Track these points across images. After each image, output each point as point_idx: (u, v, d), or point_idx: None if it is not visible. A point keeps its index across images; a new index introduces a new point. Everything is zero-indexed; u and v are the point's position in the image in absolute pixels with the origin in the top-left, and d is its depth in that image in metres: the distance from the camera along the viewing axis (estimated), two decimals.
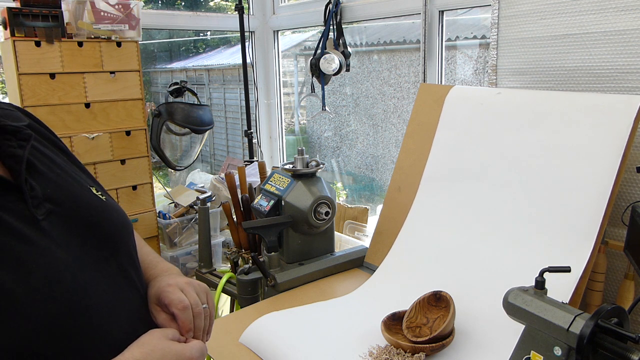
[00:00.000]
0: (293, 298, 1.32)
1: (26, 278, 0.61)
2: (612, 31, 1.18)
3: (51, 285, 0.63)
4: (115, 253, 0.75)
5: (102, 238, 0.73)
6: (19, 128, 0.71)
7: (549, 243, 1.11)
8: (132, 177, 1.85)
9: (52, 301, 0.62)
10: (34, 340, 0.60)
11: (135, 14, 1.78)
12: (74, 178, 0.78)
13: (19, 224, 0.64)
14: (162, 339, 0.71)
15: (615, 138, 1.07)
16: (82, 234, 0.70)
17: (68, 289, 0.64)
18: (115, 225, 0.77)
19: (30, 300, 0.60)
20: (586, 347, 0.75)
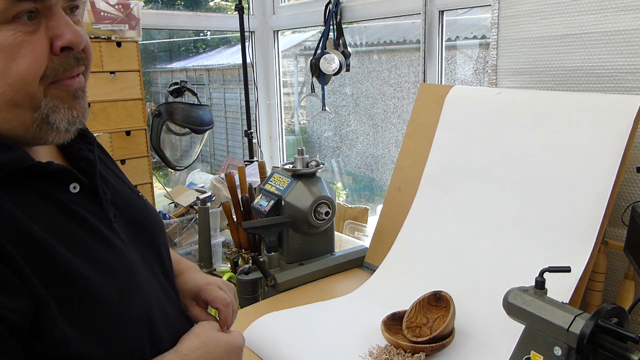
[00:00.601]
0: (293, 298, 1.32)
1: (114, 281, 0.62)
2: (612, 31, 1.18)
3: (132, 286, 0.65)
4: (159, 253, 0.77)
5: (149, 239, 0.75)
6: (84, 131, 0.70)
7: (549, 243, 1.11)
8: (132, 177, 1.85)
9: (136, 303, 0.64)
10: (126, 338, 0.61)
11: (135, 14, 1.78)
12: (122, 180, 0.79)
13: (100, 225, 0.65)
14: (213, 330, 0.73)
15: (615, 138, 1.07)
16: (136, 236, 0.72)
17: (144, 291, 0.67)
18: (156, 226, 0.79)
19: (115, 301, 0.61)
20: (586, 347, 0.75)
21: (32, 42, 0.56)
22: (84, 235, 0.62)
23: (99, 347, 0.58)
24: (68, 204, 0.62)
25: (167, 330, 0.69)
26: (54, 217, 0.60)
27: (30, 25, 0.56)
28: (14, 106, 0.57)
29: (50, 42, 0.58)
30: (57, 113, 0.60)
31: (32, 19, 0.56)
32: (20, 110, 0.58)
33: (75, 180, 0.64)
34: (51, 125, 0.60)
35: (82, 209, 0.63)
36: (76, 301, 0.57)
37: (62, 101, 0.61)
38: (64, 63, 0.60)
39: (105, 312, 0.59)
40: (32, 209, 0.57)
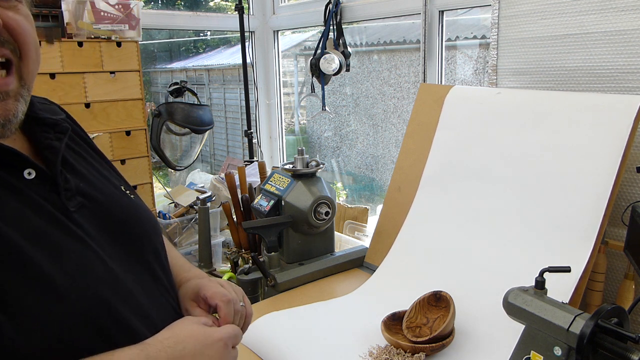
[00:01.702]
0: (293, 298, 1.32)
1: (61, 263, 0.60)
2: (613, 31, 1.18)
3: (85, 272, 0.62)
4: (143, 251, 0.75)
5: (130, 236, 0.73)
6: (57, 121, 0.72)
7: (549, 243, 1.11)
8: (132, 177, 1.85)
9: (86, 288, 0.62)
10: (70, 326, 0.59)
11: (135, 14, 1.78)
12: (104, 176, 0.78)
13: (56, 212, 0.64)
14: (192, 322, 0.71)
15: (615, 138, 1.07)
16: (111, 231, 0.71)
17: (99, 278, 0.64)
18: (142, 224, 0.77)
19: (67, 285, 0.59)
20: (586, 347, 0.75)
21: None
22: (37, 221, 0.61)
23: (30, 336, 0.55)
24: (21, 188, 0.61)
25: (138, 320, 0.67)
26: (5, 202, 0.59)
27: None
28: None
29: None
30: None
31: None
32: None
33: (30, 166, 0.63)
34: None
35: (37, 195, 0.63)
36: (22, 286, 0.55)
37: None
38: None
39: (51, 300, 0.57)
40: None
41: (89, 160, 0.78)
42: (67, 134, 0.72)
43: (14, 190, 0.61)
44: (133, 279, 0.70)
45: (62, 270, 0.60)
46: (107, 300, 0.64)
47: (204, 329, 0.70)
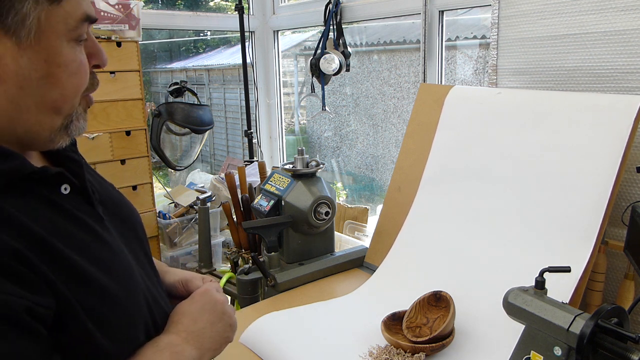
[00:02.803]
0: (293, 298, 1.32)
1: (110, 274, 0.65)
2: (612, 31, 1.18)
3: (126, 279, 0.68)
4: (142, 243, 0.80)
5: (134, 232, 0.79)
6: None
7: (549, 243, 1.11)
8: (132, 177, 1.85)
9: (132, 293, 0.68)
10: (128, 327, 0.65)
11: (135, 14, 1.78)
12: (101, 178, 0.83)
13: (93, 224, 0.67)
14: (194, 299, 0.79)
15: (615, 138, 1.07)
16: (124, 231, 0.76)
17: (136, 281, 0.70)
18: (134, 218, 0.83)
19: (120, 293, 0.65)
20: (586, 347, 0.75)
21: (83, 59, 0.63)
22: (82, 235, 0.64)
23: (113, 340, 0.62)
24: (63, 204, 0.64)
25: (158, 314, 0.74)
26: (53, 219, 0.61)
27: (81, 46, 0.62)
28: (55, 113, 0.62)
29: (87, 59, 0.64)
30: (77, 121, 0.65)
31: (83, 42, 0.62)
32: (57, 117, 0.62)
33: (67, 181, 0.66)
34: (68, 132, 0.65)
35: (76, 210, 0.65)
36: (92, 298, 0.60)
37: (84, 111, 0.67)
38: (92, 78, 0.66)
39: (114, 308, 0.63)
40: (32, 212, 0.59)
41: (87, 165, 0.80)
42: (76, 145, 0.75)
43: (54, 205, 0.63)
44: (145, 270, 0.76)
45: (113, 280, 0.65)
46: (148, 303, 0.71)
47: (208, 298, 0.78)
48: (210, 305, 0.78)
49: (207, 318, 0.76)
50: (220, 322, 0.77)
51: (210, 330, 0.75)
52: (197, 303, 0.78)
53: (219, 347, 0.77)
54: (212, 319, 0.76)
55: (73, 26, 0.59)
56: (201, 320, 0.75)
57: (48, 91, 0.59)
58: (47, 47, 0.58)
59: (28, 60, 0.57)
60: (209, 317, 0.76)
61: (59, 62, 0.59)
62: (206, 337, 0.74)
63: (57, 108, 0.61)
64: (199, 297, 0.79)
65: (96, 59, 0.65)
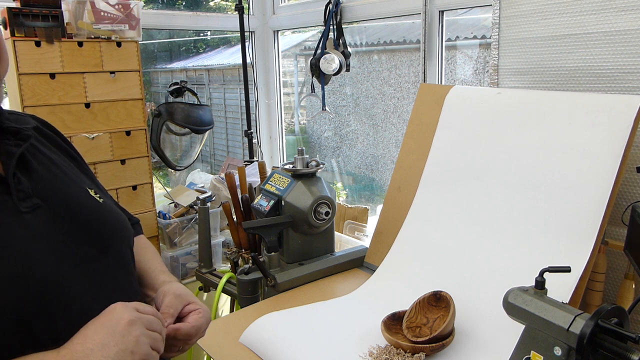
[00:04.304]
0: (293, 298, 1.32)
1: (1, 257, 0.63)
2: (613, 31, 1.18)
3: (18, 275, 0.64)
4: (105, 254, 0.76)
5: (91, 237, 0.75)
6: (19, 129, 0.75)
7: (549, 243, 1.11)
8: (132, 177, 1.85)
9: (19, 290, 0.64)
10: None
11: (135, 14, 1.77)
12: (71, 179, 0.80)
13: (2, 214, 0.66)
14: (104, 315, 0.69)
15: (615, 138, 1.07)
16: (69, 232, 0.73)
17: (38, 280, 0.66)
18: (107, 227, 0.79)
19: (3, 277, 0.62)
20: (586, 347, 0.75)
21: None
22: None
23: None
24: None
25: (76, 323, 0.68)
26: None
27: None
28: None
29: None
30: None
31: None
32: None
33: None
34: None
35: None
36: None
37: None
38: None
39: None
40: None
41: (57, 164, 0.80)
42: (27, 140, 0.75)
43: None
44: (87, 280, 0.72)
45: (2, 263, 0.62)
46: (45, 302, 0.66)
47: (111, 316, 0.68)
48: (111, 323, 0.66)
49: (100, 338, 0.65)
50: (116, 346, 0.64)
51: (99, 354, 0.63)
52: (98, 319, 0.67)
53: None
54: (106, 341, 0.64)
55: None
56: (92, 339, 0.64)
57: None
58: None
59: None
60: (103, 337, 0.65)
61: None
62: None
63: None
64: (105, 313, 0.68)
65: None
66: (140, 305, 0.71)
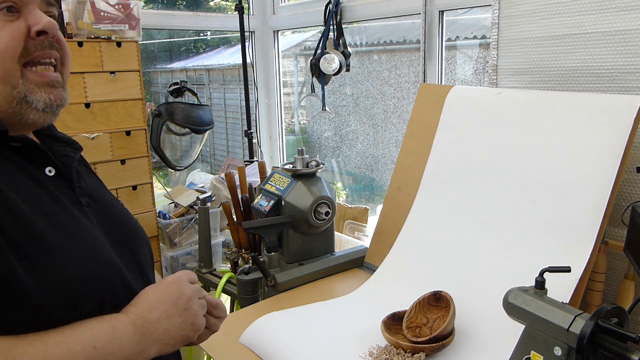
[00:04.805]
0: (293, 298, 1.32)
1: (70, 239, 0.69)
2: (613, 31, 1.18)
3: (90, 252, 0.71)
4: (136, 255, 0.83)
5: (125, 239, 0.82)
6: (72, 140, 0.85)
7: (549, 243, 1.11)
8: (132, 177, 1.85)
9: (90, 265, 0.70)
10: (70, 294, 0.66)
11: (135, 14, 1.77)
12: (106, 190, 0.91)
13: (69, 203, 0.74)
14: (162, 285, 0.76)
15: (615, 138, 1.07)
16: (111, 231, 0.79)
17: (103, 260, 0.73)
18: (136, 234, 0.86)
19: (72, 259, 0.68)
20: (586, 347, 0.75)
21: (12, 26, 0.70)
22: (52, 205, 0.71)
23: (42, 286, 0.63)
24: (43, 181, 0.72)
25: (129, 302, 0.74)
26: (26, 184, 0.69)
27: (10, 16, 0.70)
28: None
29: (27, 28, 0.71)
30: (34, 94, 0.72)
31: (12, 12, 0.70)
32: (1, 85, 0.69)
33: (52, 164, 0.75)
34: (30, 104, 0.71)
35: (56, 189, 0.73)
36: (27, 243, 0.64)
37: (38, 86, 0.72)
38: (38, 45, 0.72)
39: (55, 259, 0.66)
40: (4, 174, 0.67)
41: (92, 179, 0.89)
42: (81, 150, 0.85)
43: (35, 179, 0.71)
44: (126, 270, 0.77)
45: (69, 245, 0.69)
46: (113, 282, 0.72)
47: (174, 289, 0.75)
48: (174, 296, 0.74)
49: (165, 309, 0.72)
50: (180, 317, 0.73)
51: (165, 323, 0.71)
52: (161, 290, 0.74)
53: (172, 343, 0.72)
54: (170, 311, 0.72)
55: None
56: (158, 309, 0.72)
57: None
58: None
59: None
60: (168, 308, 0.72)
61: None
62: (158, 329, 0.71)
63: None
64: (167, 285, 0.75)
65: (35, 25, 0.71)
66: (192, 274, 0.80)
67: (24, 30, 0.71)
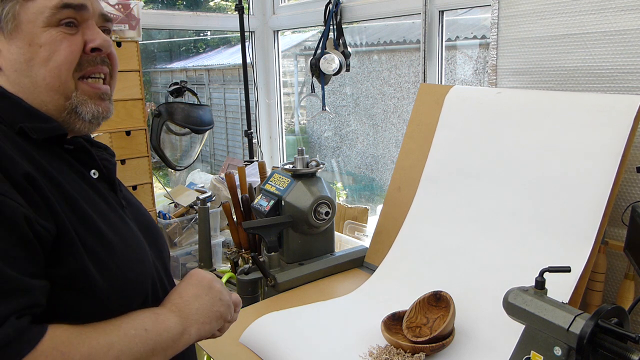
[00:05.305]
0: (293, 298, 1.32)
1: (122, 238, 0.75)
2: (612, 31, 1.18)
3: (139, 250, 0.78)
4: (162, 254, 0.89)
5: (154, 240, 0.87)
6: (107, 146, 0.89)
7: (549, 243, 1.11)
8: (132, 177, 1.85)
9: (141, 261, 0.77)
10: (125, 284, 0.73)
11: (135, 14, 1.77)
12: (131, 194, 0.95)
13: (115, 203, 0.79)
14: None
15: (615, 138, 1.07)
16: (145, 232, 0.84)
17: (149, 256, 0.80)
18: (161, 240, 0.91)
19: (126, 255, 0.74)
20: (586, 347, 0.75)
21: (71, 40, 0.74)
22: (104, 205, 0.76)
23: (108, 281, 0.70)
24: (92, 181, 0.77)
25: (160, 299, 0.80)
26: (80, 185, 0.74)
27: (70, 30, 0.74)
28: (51, 90, 0.73)
29: (84, 44, 0.75)
30: (85, 106, 0.76)
31: (71, 26, 0.74)
32: (56, 96, 0.74)
33: (96, 167, 0.79)
34: (79, 115, 0.76)
35: (102, 188, 0.78)
36: (92, 241, 0.69)
37: (90, 97, 0.77)
38: (91, 60, 0.76)
39: (114, 257, 0.72)
40: (63, 173, 0.72)
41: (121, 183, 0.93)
42: (114, 156, 0.89)
43: (88, 182, 0.76)
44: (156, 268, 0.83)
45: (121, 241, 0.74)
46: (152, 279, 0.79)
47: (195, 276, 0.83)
48: (196, 280, 0.82)
49: (192, 291, 0.80)
50: (207, 295, 0.81)
51: (195, 303, 0.79)
52: (184, 282, 0.83)
53: (208, 321, 0.79)
54: (197, 292, 0.80)
55: (50, 13, 0.71)
56: (186, 294, 0.80)
57: (36, 70, 0.72)
58: (29, 33, 0.71)
59: (16, 48, 0.71)
60: (194, 290, 0.80)
61: (39, 44, 0.71)
62: (191, 309, 0.78)
63: (49, 85, 0.73)
64: (187, 276, 0.84)
65: (91, 42, 0.75)
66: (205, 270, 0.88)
67: (80, 45, 0.75)
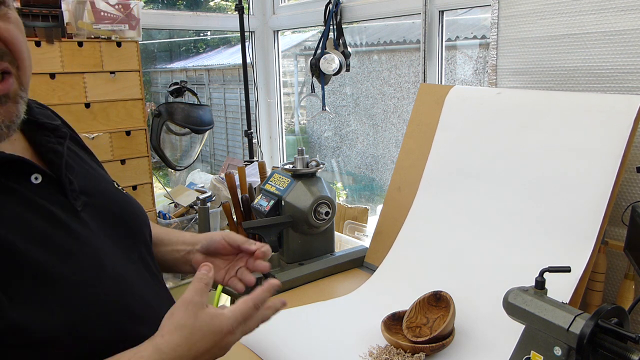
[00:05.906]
0: (293, 298, 1.32)
1: (71, 263, 0.63)
2: (612, 31, 1.18)
3: (95, 270, 0.66)
4: (137, 243, 0.79)
5: (126, 229, 0.77)
6: (57, 126, 0.76)
7: (549, 243, 1.11)
8: (132, 177, 1.85)
9: (98, 285, 0.65)
10: (82, 324, 0.61)
11: (135, 14, 1.77)
12: (99, 174, 0.82)
13: (62, 214, 0.66)
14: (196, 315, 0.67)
15: (615, 138, 1.07)
16: (111, 225, 0.74)
17: (110, 275, 0.68)
18: (136, 218, 0.82)
19: (77, 285, 0.62)
20: (586, 347, 0.75)
21: None
22: (42, 224, 0.63)
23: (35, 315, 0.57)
24: (27, 195, 0.64)
25: (143, 311, 0.70)
26: (10, 209, 0.61)
27: None
28: None
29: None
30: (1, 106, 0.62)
31: None
32: None
33: (37, 171, 0.66)
34: None
35: (43, 199, 0.65)
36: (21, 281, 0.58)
37: (8, 97, 0.62)
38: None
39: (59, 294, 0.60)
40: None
41: (85, 160, 0.82)
42: (67, 138, 0.76)
43: (19, 196, 0.63)
44: (132, 270, 0.74)
45: (72, 270, 0.63)
46: (118, 296, 0.67)
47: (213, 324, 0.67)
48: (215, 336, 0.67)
49: (204, 347, 0.66)
50: (216, 347, 0.67)
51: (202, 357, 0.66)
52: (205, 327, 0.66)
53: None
54: (208, 347, 0.66)
55: None
56: (197, 349, 0.65)
57: None
58: None
59: None
60: (206, 346, 0.66)
61: None
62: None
63: None
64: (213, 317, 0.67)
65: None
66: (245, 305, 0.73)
67: None
